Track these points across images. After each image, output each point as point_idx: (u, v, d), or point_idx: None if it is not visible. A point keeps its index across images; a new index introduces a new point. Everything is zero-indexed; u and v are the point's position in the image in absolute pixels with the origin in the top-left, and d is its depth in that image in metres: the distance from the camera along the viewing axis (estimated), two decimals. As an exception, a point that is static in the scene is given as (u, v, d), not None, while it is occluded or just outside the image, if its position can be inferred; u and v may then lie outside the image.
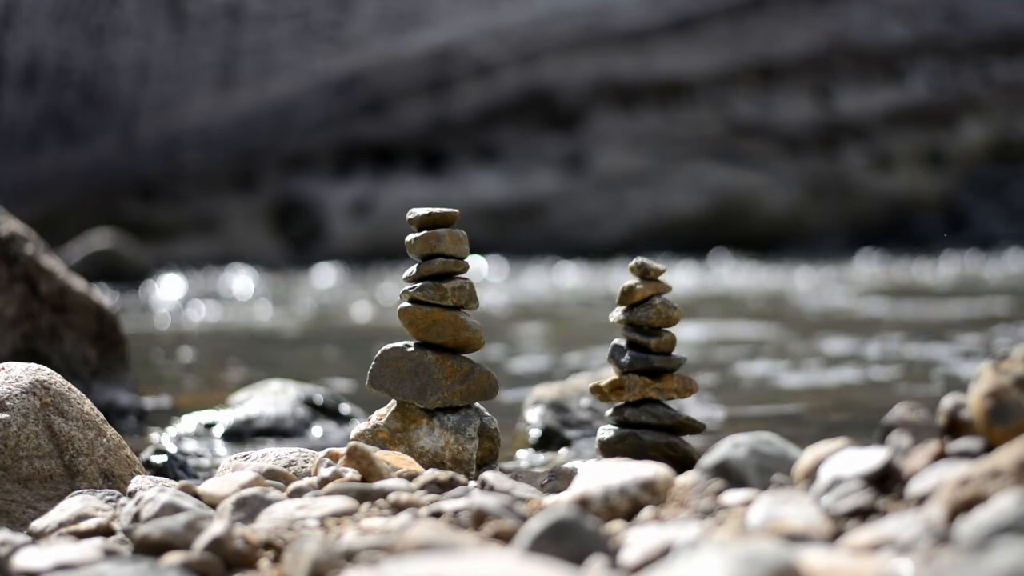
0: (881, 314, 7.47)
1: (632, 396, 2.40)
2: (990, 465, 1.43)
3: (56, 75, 17.70)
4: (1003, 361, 1.59)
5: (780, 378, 4.57)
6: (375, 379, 2.41)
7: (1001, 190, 17.50)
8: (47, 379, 2.25)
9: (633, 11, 17.86)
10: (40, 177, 16.87)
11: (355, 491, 1.90)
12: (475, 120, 17.55)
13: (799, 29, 17.91)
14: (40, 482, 2.15)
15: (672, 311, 2.40)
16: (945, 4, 18.17)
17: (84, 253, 11.39)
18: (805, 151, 17.56)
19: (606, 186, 17.19)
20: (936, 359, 4.98)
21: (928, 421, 1.67)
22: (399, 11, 18.02)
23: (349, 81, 17.62)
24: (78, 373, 3.73)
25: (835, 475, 1.62)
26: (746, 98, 17.71)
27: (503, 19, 17.84)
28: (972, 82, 17.92)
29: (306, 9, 18.13)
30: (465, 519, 1.73)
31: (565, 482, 2.23)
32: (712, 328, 6.68)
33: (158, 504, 1.83)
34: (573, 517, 1.47)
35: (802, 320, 7.31)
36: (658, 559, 1.46)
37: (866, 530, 1.46)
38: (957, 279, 10.81)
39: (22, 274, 3.67)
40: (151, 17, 18.14)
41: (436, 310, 2.38)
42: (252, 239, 16.92)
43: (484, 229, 15.76)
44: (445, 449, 2.36)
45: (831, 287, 10.26)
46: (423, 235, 2.40)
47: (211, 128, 17.41)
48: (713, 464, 1.77)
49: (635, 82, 17.68)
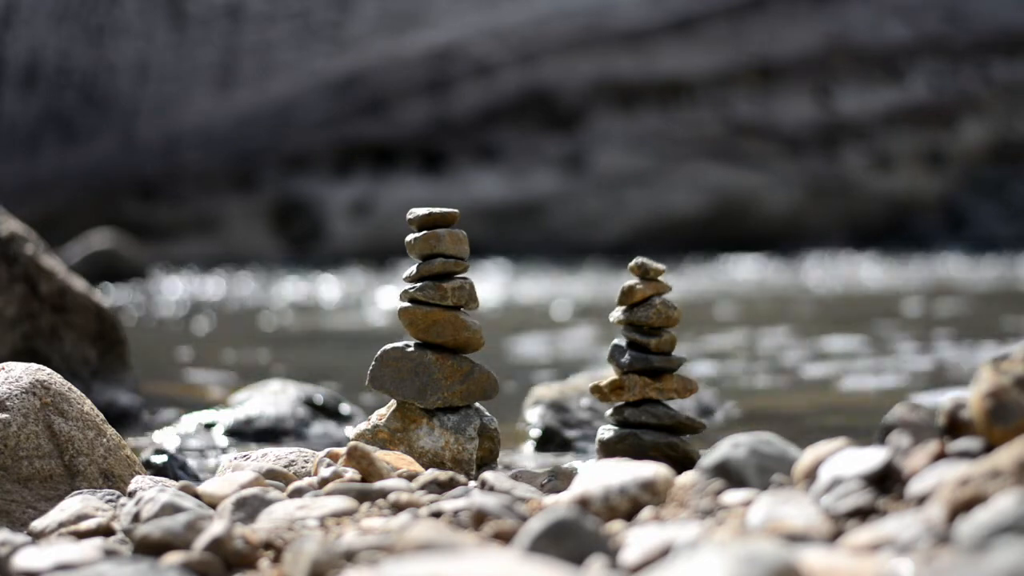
0: (880, 314, 7.47)
1: (632, 396, 2.41)
2: (990, 465, 1.43)
3: (56, 75, 17.69)
4: (1003, 361, 1.59)
5: (780, 378, 4.57)
6: (375, 379, 2.42)
7: (1001, 190, 17.49)
8: (47, 379, 2.25)
9: (633, 11, 17.85)
10: (40, 177, 16.87)
11: (355, 491, 1.90)
12: (475, 120, 17.54)
13: (799, 29, 17.90)
14: (40, 482, 2.15)
15: (672, 311, 2.40)
16: (945, 4, 18.16)
17: (84, 253, 11.38)
18: (805, 151, 17.56)
19: (606, 186, 17.18)
20: (936, 360, 4.98)
21: (928, 421, 1.67)
22: (399, 11, 18.01)
23: (349, 81, 17.62)
24: (78, 373, 3.73)
25: (835, 475, 1.62)
26: (746, 98, 17.71)
27: (503, 19, 17.83)
28: (972, 82, 17.91)
29: (306, 9, 18.12)
30: (465, 519, 1.73)
31: (565, 482, 2.23)
32: (712, 328, 6.68)
33: (158, 504, 1.83)
34: (573, 517, 1.47)
35: (801, 320, 7.31)
36: (658, 559, 1.46)
37: (866, 530, 1.46)
38: (957, 279, 10.81)
39: (22, 274, 3.67)
40: (151, 17, 18.14)
41: (436, 310, 2.39)
42: (252, 239, 16.91)
43: (484, 229, 15.75)
44: (445, 449, 2.36)
45: (831, 286, 10.26)
46: (423, 235, 2.40)
47: (211, 128, 17.40)
48: (713, 464, 1.77)
49: (635, 82, 17.68)
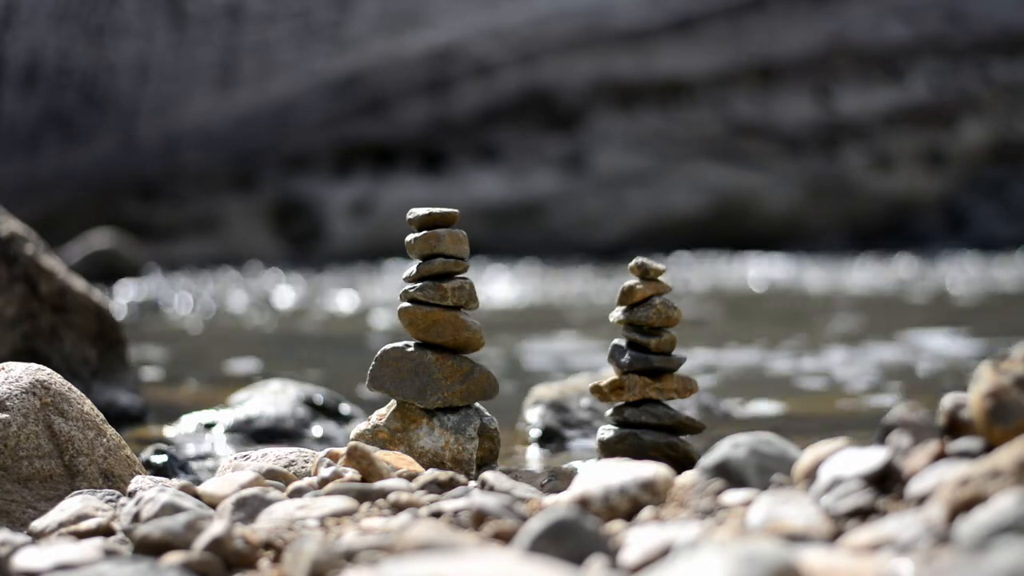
0: (880, 313, 7.47)
1: (632, 396, 2.41)
2: (990, 465, 1.43)
3: (56, 75, 17.69)
4: (1003, 361, 1.59)
5: (780, 378, 4.57)
6: (375, 379, 2.41)
7: (1001, 190, 17.49)
8: (47, 379, 2.25)
9: (633, 11, 17.85)
10: (40, 177, 16.86)
11: (355, 491, 1.90)
12: (475, 120, 17.53)
13: (799, 29, 17.90)
14: (40, 482, 2.15)
15: (672, 311, 2.40)
16: (945, 4, 18.15)
17: (84, 253, 11.38)
18: (805, 151, 17.55)
19: (606, 186, 17.18)
20: (938, 359, 4.98)
21: (928, 421, 1.67)
22: (399, 11, 18.01)
23: (349, 81, 17.61)
24: (78, 373, 3.73)
25: (835, 475, 1.61)
26: (746, 98, 17.71)
27: (503, 19, 17.82)
28: (972, 82, 17.90)
29: (306, 9, 18.12)
30: (465, 519, 1.73)
31: (565, 482, 2.23)
32: (712, 328, 6.68)
33: (158, 504, 1.83)
34: (573, 517, 1.47)
35: (802, 319, 7.31)
36: (658, 559, 1.46)
37: (866, 530, 1.46)
38: (959, 281, 10.81)
39: (22, 274, 3.67)
40: (151, 17, 18.13)
41: (436, 310, 2.38)
42: (252, 239, 16.91)
43: (484, 229, 15.74)
44: (445, 449, 2.36)
45: (831, 286, 10.26)
46: (423, 235, 2.40)
47: (211, 128, 17.40)
48: (713, 464, 1.77)
49: (635, 82, 17.67)
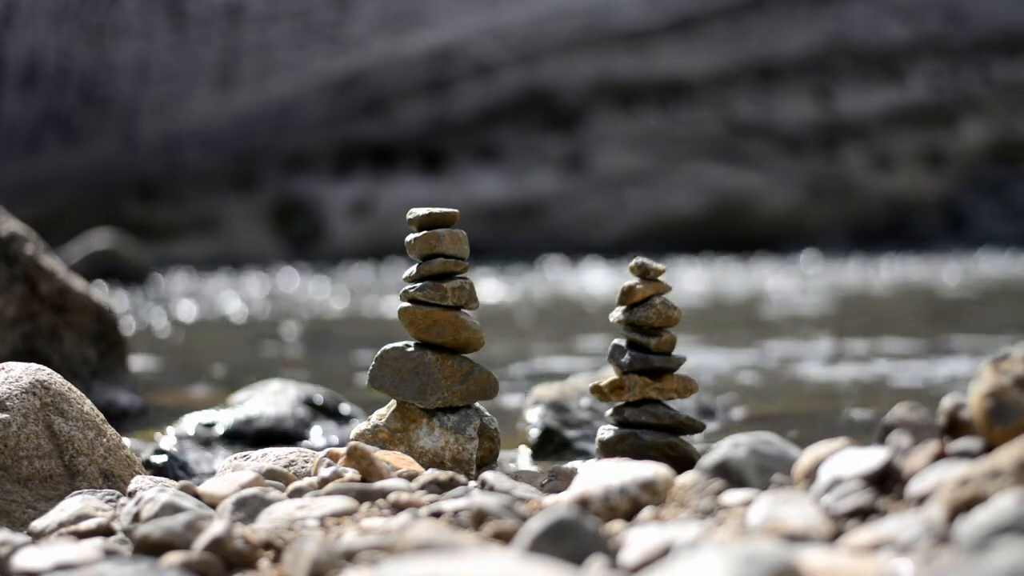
0: (882, 314, 7.47)
1: (632, 396, 2.40)
2: (990, 465, 1.43)
3: (56, 75, 17.69)
4: (1003, 361, 1.59)
5: (781, 378, 4.57)
6: (375, 379, 2.41)
7: (1001, 190, 17.49)
8: (47, 379, 2.25)
9: (633, 11, 17.85)
10: (40, 177, 16.86)
11: (355, 491, 1.90)
12: (475, 120, 17.54)
13: (799, 29, 17.90)
14: (40, 482, 2.15)
15: (672, 311, 2.40)
16: (945, 4, 18.15)
17: (84, 253, 11.38)
18: (805, 151, 17.56)
19: (606, 186, 17.18)
20: (938, 359, 4.98)
21: (928, 421, 1.67)
22: (399, 11, 18.01)
23: (349, 81, 17.61)
24: (78, 373, 3.73)
25: (835, 475, 1.61)
26: (746, 98, 17.71)
27: (503, 19, 17.83)
28: (972, 82, 17.91)
29: (306, 9, 18.11)
30: (465, 519, 1.73)
31: (565, 482, 2.22)
32: (711, 328, 6.68)
33: (158, 504, 1.83)
34: (573, 517, 1.47)
35: (802, 320, 7.31)
36: (658, 559, 1.46)
37: (866, 530, 1.46)
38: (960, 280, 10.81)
39: (22, 274, 3.67)
40: (151, 17, 18.13)
41: (436, 310, 2.38)
42: (252, 239, 16.91)
43: (484, 229, 15.75)
44: (445, 449, 2.36)
45: (832, 286, 10.26)
46: (423, 235, 2.40)
47: (211, 128, 17.40)
48: (713, 464, 1.76)
49: (635, 82, 17.68)
